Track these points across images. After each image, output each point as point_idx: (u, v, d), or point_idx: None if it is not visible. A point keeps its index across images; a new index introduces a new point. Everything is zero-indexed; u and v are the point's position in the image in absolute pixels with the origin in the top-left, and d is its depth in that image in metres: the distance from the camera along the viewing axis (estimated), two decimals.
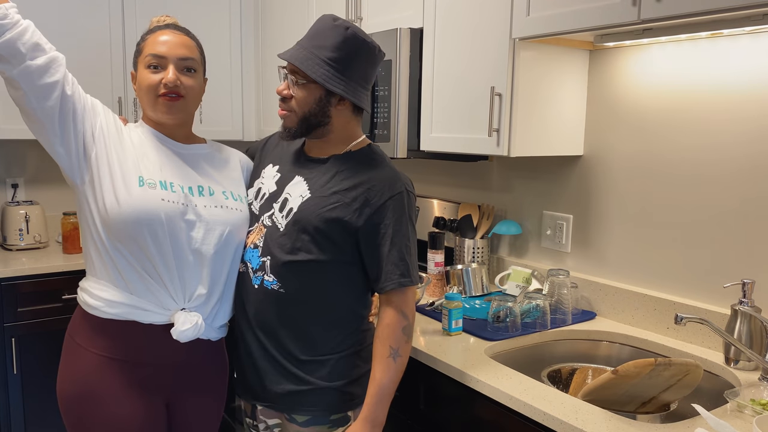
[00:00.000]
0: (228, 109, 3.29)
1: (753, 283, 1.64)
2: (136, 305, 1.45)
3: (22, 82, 1.35)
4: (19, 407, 2.66)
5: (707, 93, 1.78)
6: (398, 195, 1.48)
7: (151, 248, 1.43)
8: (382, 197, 1.46)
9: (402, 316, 1.48)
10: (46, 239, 3.04)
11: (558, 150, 2.05)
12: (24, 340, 2.65)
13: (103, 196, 1.43)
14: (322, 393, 1.51)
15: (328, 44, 1.46)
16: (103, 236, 1.45)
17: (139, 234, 1.42)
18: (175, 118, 1.53)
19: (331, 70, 1.46)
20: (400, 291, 1.48)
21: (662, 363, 1.43)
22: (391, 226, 1.46)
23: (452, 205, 2.53)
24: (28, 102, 1.37)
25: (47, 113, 1.39)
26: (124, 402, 1.46)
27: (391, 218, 1.46)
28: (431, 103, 2.15)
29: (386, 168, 1.52)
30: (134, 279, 1.45)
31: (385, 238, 1.47)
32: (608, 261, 2.07)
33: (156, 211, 1.43)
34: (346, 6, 2.52)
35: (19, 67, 1.34)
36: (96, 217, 1.45)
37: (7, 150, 3.13)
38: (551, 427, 1.38)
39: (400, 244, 1.47)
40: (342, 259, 1.50)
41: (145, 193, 1.43)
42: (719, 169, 1.76)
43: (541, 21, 1.75)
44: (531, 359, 1.86)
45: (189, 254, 1.47)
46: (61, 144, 1.43)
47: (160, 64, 1.49)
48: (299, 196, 1.51)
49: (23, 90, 1.36)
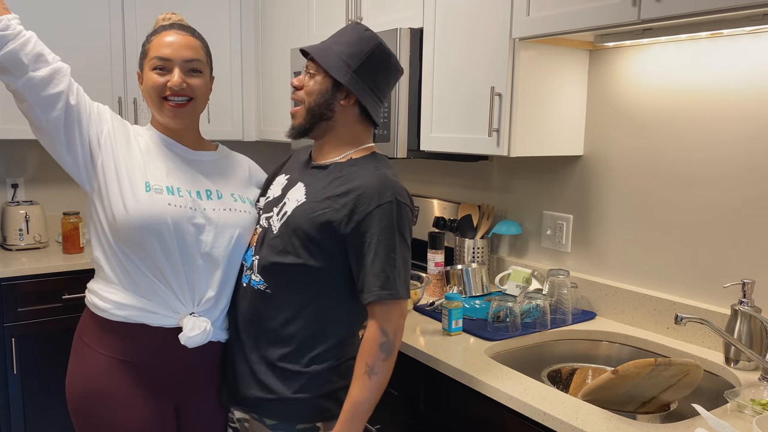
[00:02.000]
0: (228, 109, 3.29)
1: (753, 283, 1.64)
2: (145, 308, 1.45)
3: (26, 93, 1.36)
4: (19, 407, 2.66)
5: (707, 93, 1.78)
6: (386, 204, 1.41)
7: (159, 253, 1.43)
8: (369, 206, 1.41)
9: (381, 333, 1.40)
10: (46, 239, 3.04)
11: (558, 150, 2.05)
12: (24, 340, 2.65)
13: (110, 203, 1.44)
14: (289, 403, 1.47)
15: (344, 39, 1.49)
16: (111, 241, 1.45)
17: (146, 239, 1.42)
18: (182, 122, 1.53)
19: (341, 62, 1.46)
20: (381, 305, 1.41)
21: (662, 363, 1.43)
22: (375, 235, 1.40)
23: (452, 205, 2.53)
24: (34, 113, 1.39)
25: (53, 123, 1.40)
26: (132, 404, 1.46)
27: (377, 228, 1.40)
28: (431, 103, 2.15)
29: (381, 176, 1.45)
30: (143, 283, 1.45)
31: (369, 247, 1.41)
32: (608, 261, 2.07)
33: (162, 216, 1.42)
34: (346, 6, 2.52)
35: (22, 79, 1.35)
36: (104, 222, 1.46)
37: (7, 150, 3.13)
38: (551, 427, 1.38)
39: (383, 255, 1.40)
40: (333, 267, 1.46)
41: (152, 199, 1.43)
42: (719, 169, 1.77)
43: (541, 21, 1.75)
44: (531, 359, 1.86)
45: (199, 258, 1.47)
46: (68, 152, 1.44)
47: (165, 66, 1.48)
48: (296, 200, 1.51)
49: (28, 101, 1.38)
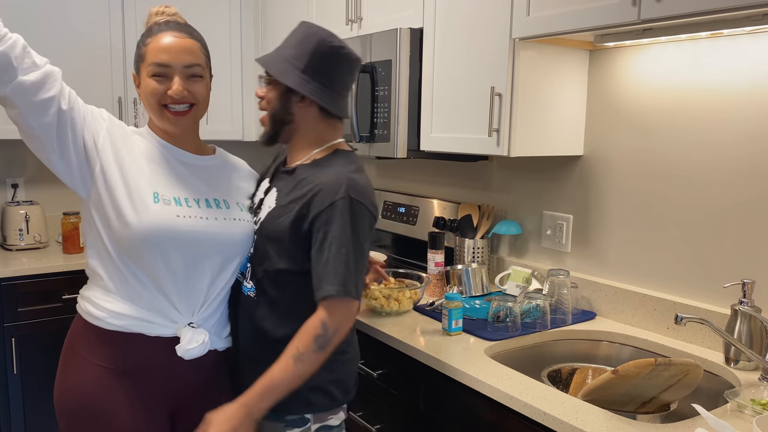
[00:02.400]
0: (228, 109, 3.29)
1: (753, 283, 1.64)
2: (142, 318, 1.41)
3: (16, 99, 1.28)
4: (19, 407, 2.66)
5: (707, 93, 1.78)
6: (340, 201, 1.41)
7: (161, 265, 1.40)
8: (323, 203, 1.42)
9: (321, 326, 1.40)
10: (46, 239, 3.04)
11: (558, 150, 2.05)
12: (24, 340, 2.65)
13: (114, 212, 1.38)
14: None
15: (291, 42, 1.52)
16: (111, 251, 1.40)
17: (151, 251, 1.38)
18: (183, 128, 1.49)
19: (288, 66, 1.49)
20: (327, 300, 1.40)
21: (662, 363, 1.43)
22: (329, 233, 1.41)
23: (452, 205, 2.53)
24: (26, 120, 1.31)
25: (45, 130, 1.33)
26: (128, 415, 1.41)
27: (329, 225, 1.41)
28: (431, 103, 2.15)
29: (337, 174, 1.46)
30: (142, 293, 1.41)
31: (321, 245, 1.42)
32: (608, 261, 2.07)
33: (171, 228, 1.39)
34: (346, 6, 2.52)
35: (11, 84, 1.27)
36: (103, 231, 1.41)
37: (7, 150, 3.13)
38: (551, 427, 1.38)
39: (334, 253, 1.40)
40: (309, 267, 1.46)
41: (162, 210, 1.39)
42: (719, 169, 1.77)
43: (541, 21, 1.75)
44: (531, 359, 1.86)
45: (201, 269, 1.45)
46: (60, 159, 1.37)
47: (164, 73, 1.42)
48: (268, 207, 1.54)
49: (19, 108, 1.29)
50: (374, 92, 2.25)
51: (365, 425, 1.99)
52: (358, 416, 2.04)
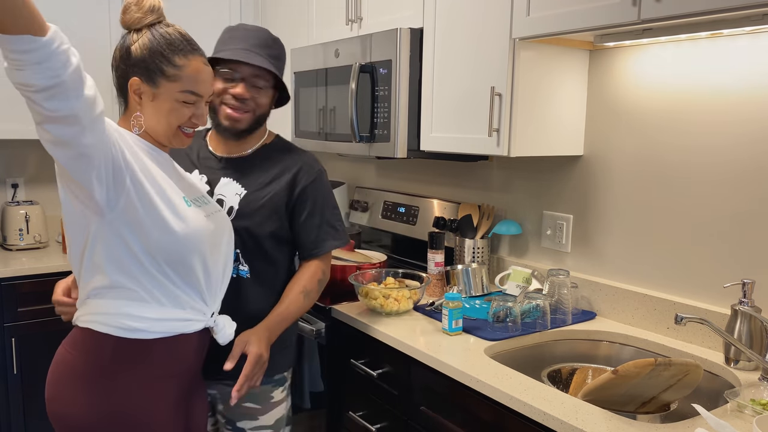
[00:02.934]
0: None
1: (753, 283, 1.64)
2: (181, 318, 1.43)
3: (83, 114, 1.14)
4: (19, 407, 2.66)
5: (707, 93, 1.78)
6: (321, 173, 1.76)
7: (198, 264, 1.43)
8: (309, 177, 1.73)
9: (321, 272, 1.75)
10: (46, 239, 3.04)
11: (558, 150, 2.05)
12: (24, 340, 2.65)
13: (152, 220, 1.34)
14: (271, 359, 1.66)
15: (275, 53, 1.69)
16: (144, 260, 1.35)
17: (192, 254, 1.40)
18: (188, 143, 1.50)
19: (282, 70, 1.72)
20: (329, 253, 1.77)
21: (662, 363, 1.43)
22: (318, 198, 1.73)
23: (452, 205, 2.53)
24: (84, 137, 1.17)
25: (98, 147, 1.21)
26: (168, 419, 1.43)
27: (320, 193, 1.74)
28: (431, 103, 2.15)
29: (304, 153, 1.79)
30: (179, 294, 1.42)
31: (315, 209, 1.73)
32: (608, 261, 2.07)
33: (207, 228, 1.45)
34: (346, 6, 2.52)
35: (80, 98, 1.13)
36: (134, 242, 1.34)
37: (7, 150, 3.13)
38: (551, 427, 1.38)
39: (329, 213, 1.75)
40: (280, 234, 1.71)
41: (196, 214, 1.43)
42: (719, 169, 1.76)
43: (541, 21, 1.75)
44: (531, 359, 1.86)
45: (220, 261, 1.52)
46: (97, 177, 1.24)
47: (196, 101, 1.42)
48: (235, 194, 1.69)
49: (83, 124, 1.15)
50: (374, 92, 2.25)
51: (365, 425, 1.99)
52: (358, 416, 2.04)
